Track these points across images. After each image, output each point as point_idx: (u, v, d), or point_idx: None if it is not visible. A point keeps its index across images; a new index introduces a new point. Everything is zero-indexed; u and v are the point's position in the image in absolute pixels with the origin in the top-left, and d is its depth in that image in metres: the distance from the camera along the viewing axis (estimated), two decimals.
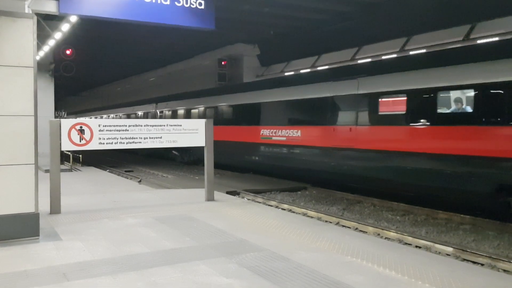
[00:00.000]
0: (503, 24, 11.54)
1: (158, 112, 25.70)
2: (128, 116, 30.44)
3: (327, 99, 12.83)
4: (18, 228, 6.00)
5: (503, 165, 8.76)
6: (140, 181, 15.45)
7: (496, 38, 11.26)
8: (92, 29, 17.38)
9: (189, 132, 8.91)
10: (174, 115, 23.30)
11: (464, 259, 7.16)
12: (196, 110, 21.10)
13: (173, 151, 23.55)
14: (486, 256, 7.15)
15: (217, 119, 18.37)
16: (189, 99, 22.30)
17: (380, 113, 11.31)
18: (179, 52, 24.19)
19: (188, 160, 22.57)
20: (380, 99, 11.29)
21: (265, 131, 15.45)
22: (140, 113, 28.72)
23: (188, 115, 21.71)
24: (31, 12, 6.63)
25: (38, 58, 11.66)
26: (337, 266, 5.01)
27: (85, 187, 12.19)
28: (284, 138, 14.41)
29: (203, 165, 9.39)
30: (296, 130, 13.98)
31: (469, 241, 8.51)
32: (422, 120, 10.37)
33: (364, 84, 11.76)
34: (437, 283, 4.47)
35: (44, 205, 7.60)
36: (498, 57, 9.19)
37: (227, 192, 12.18)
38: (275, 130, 14.95)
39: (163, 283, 4.46)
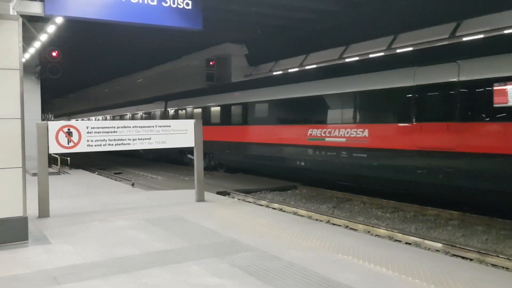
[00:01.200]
0: None
1: (169, 111, 22.73)
2: (132, 117, 27.80)
3: (409, 89, 10.53)
4: (6, 233, 5.93)
5: None
6: (133, 184, 15.32)
7: None
8: (78, 31, 17.23)
9: (178, 132, 8.91)
10: (190, 115, 20.12)
11: (454, 255, 7.23)
12: (217, 108, 18.40)
13: (188, 155, 19.44)
14: (474, 251, 7.24)
15: (251, 118, 16.37)
16: (209, 96, 19.42)
17: (495, 105, 8.93)
18: (167, 52, 24.07)
19: (208, 165, 18.30)
20: (496, 88, 8.92)
21: (315, 131, 13.04)
22: (144, 113, 26.09)
23: (208, 114, 18.78)
24: (16, 14, 6.54)
25: (23, 60, 11.50)
26: (328, 264, 5.03)
27: (74, 190, 12.08)
28: (343, 140, 12.09)
29: (227, 171, 8.76)
30: (361, 130, 11.64)
31: (458, 237, 8.61)
32: None
33: (469, 69, 9.42)
34: (428, 279, 4.51)
35: (33, 209, 7.52)
36: None
37: (218, 193, 12.16)
38: (329, 130, 12.57)
39: (155, 284, 4.44)
